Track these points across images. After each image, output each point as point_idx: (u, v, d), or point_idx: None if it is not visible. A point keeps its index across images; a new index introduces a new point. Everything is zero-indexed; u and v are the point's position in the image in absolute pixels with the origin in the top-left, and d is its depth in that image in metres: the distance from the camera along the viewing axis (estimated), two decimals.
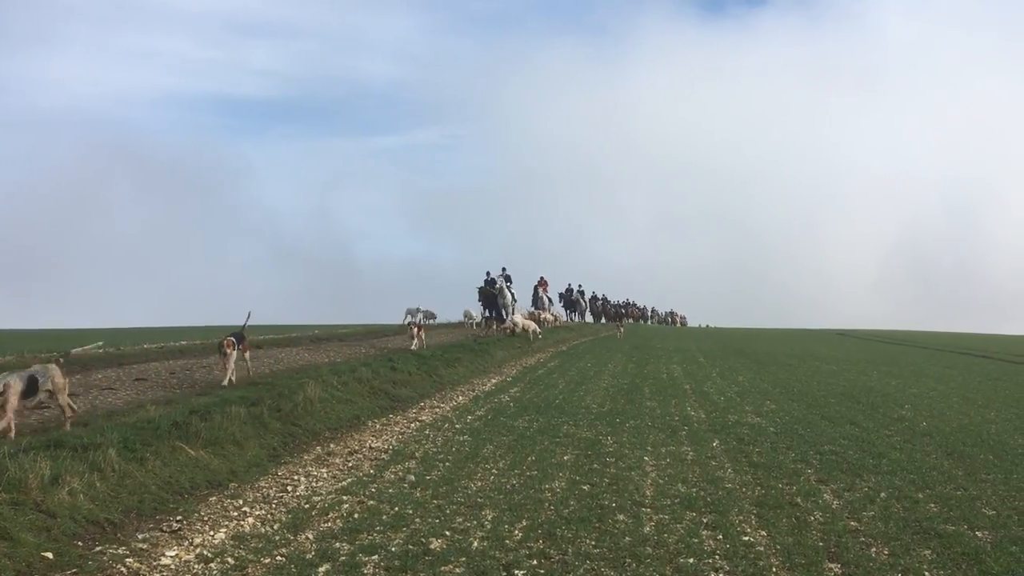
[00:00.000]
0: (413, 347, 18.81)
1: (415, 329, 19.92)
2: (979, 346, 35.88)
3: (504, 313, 33.54)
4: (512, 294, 34.56)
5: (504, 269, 35.74)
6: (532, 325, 27.67)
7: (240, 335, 12.54)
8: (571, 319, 47.38)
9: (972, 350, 32.56)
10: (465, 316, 35.05)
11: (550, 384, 15.63)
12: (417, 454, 8.76)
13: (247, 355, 12.76)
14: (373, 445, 9.30)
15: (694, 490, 7.32)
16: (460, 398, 13.51)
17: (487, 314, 34.73)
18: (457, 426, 10.58)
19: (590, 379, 16.72)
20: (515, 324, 29.55)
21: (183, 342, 19.31)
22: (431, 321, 31.91)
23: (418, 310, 31.01)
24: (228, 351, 11.85)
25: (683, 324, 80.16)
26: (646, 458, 8.70)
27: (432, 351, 18.35)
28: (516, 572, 5.21)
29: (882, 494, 7.26)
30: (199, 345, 18.32)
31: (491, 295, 34.65)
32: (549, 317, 31.80)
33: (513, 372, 18.12)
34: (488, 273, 36.62)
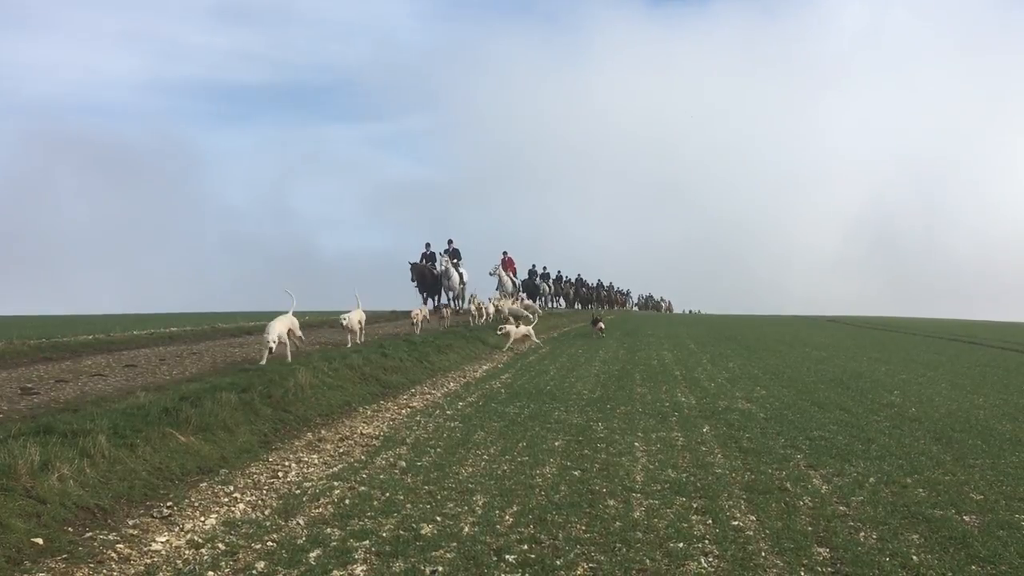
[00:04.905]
0: None
1: None
2: (968, 332, 36.07)
3: (450, 299, 27.86)
4: (461, 275, 28.07)
5: (450, 242, 28.58)
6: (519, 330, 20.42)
7: None
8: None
9: (961, 336, 32.73)
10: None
11: (541, 370, 15.64)
12: (408, 440, 8.76)
13: None
14: (364, 431, 9.30)
15: (684, 475, 7.34)
16: (451, 384, 13.52)
17: (427, 300, 27.41)
18: (448, 412, 10.58)
19: (581, 365, 16.75)
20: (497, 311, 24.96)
21: (173, 328, 19.24)
22: None
23: None
24: None
25: (669, 310, 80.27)
26: (636, 444, 8.73)
27: (423, 337, 18.33)
28: (507, 557, 5.22)
29: (871, 479, 7.30)
30: (189, 332, 18.26)
31: (431, 275, 27.49)
32: (495, 307, 24.75)
33: (504, 359, 18.13)
34: (427, 246, 28.46)
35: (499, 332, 20.21)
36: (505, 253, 33.83)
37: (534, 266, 43.57)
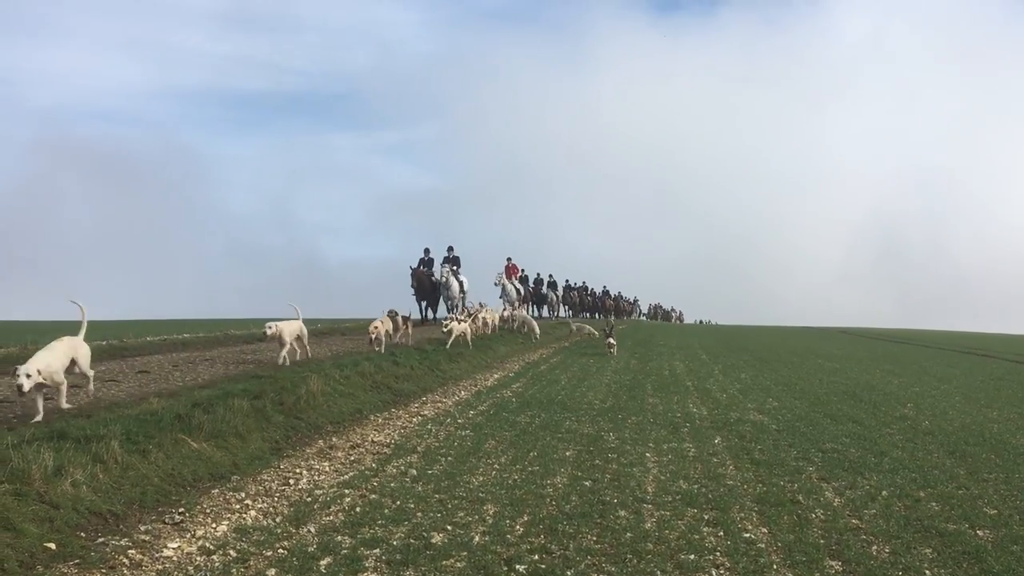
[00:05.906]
0: None
1: None
2: (982, 345, 35.82)
3: (452, 308, 26.73)
4: (461, 283, 27.25)
5: (451, 250, 27.60)
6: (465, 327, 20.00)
7: None
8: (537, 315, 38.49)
9: (975, 349, 32.49)
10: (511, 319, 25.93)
11: (552, 380, 15.63)
12: (419, 448, 8.77)
13: None
14: (375, 439, 9.31)
15: (695, 487, 7.32)
16: (462, 393, 13.52)
17: (424, 310, 26.79)
18: (459, 421, 10.59)
19: (592, 375, 16.72)
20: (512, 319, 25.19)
21: (186, 335, 19.33)
22: None
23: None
24: None
25: (680, 320, 79.99)
26: (648, 454, 8.70)
27: (435, 346, 18.35)
28: (517, 567, 5.22)
29: (883, 492, 7.26)
30: (201, 338, 18.34)
31: (429, 282, 26.63)
32: (485, 320, 23.04)
33: (516, 368, 18.13)
34: (427, 251, 27.60)
35: (443, 331, 19.48)
36: (509, 259, 33.36)
37: (539, 275, 42.78)
